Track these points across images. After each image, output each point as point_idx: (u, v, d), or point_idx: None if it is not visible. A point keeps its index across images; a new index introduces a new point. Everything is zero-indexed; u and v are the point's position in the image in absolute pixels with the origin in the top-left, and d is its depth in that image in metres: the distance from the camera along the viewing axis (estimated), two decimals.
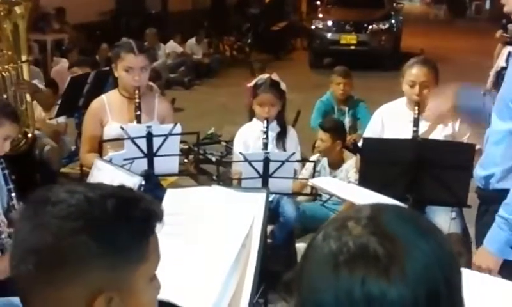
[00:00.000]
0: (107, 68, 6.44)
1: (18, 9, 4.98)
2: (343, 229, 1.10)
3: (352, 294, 1.03)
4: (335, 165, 5.60)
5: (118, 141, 3.81)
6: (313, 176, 4.29)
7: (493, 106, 3.18)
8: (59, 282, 1.22)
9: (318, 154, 5.81)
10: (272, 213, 4.44)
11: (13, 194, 3.35)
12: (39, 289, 1.23)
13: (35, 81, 5.41)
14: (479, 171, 3.14)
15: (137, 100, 3.98)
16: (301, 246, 5.13)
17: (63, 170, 5.80)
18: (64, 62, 10.73)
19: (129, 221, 1.27)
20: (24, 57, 5.07)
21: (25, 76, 5.09)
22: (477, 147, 3.70)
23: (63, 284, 1.22)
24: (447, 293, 1.06)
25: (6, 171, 3.39)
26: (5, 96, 4.88)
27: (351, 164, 5.53)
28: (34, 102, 5.44)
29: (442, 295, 1.05)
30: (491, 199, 3.00)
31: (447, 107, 3.45)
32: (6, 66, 4.95)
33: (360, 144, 4.01)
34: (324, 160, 5.68)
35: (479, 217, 3.21)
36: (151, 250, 1.31)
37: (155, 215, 1.33)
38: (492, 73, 12.60)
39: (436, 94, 3.61)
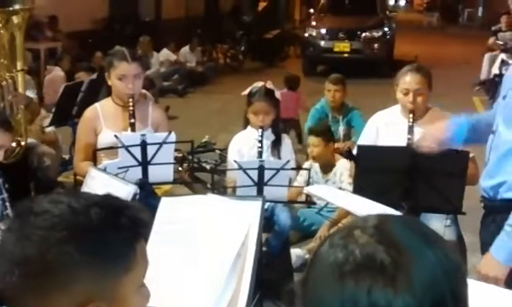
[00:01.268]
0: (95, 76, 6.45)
1: (15, 19, 4.98)
2: (349, 238, 1.09)
3: (358, 304, 1.02)
4: (328, 168, 5.63)
5: (112, 149, 3.80)
6: (307, 183, 4.29)
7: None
8: (45, 293, 1.21)
9: (310, 161, 5.83)
10: (267, 221, 4.43)
11: (7, 203, 3.34)
12: (25, 300, 1.22)
13: (28, 92, 5.41)
14: (486, 181, 3.10)
15: (131, 108, 3.97)
16: (295, 251, 5.13)
17: (57, 179, 5.78)
18: (57, 71, 10.72)
19: (114, 230, 1.26)
20: (19, 66, 5.07)
21: (20, 85, 5.08)
22: (471, 155, 3.70)
23: (49, 295, 1.21)
24: (453, 304, 1.05)
25: (0, 180, 3.38)
26: (1, 104, 4.88)
27: (344, 166, 5.56)
28: None
29: (448, 305, 1.04)
30: (499, 209, 2.97)
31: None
32: (5, 75, 4.95)
33: (354, 151, 4.00)
34: (316, 165, 5.70)
35: (484, 227, 3.18)
36: (138, 258, 1.30)
37: (142, 223, 1.32)
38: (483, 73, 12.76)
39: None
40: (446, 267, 1.07)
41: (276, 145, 4.54)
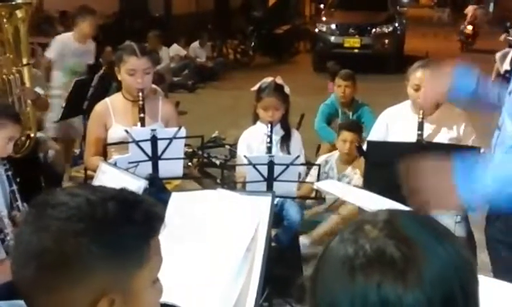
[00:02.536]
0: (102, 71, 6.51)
1: (19, 13, 5.00)
2: (360, 233, 1.09)
3: (368, 298, 1.03)
4: (349, 163, 5.58)
5: (122, 144, 3.82)
6: (318, 179, 4.29)
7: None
8: (61, 285, 1.22)
9: (326, 155, 5.81)
10: (277, 216, 4.44)
11: (17, 195, 3.36)
12: (41, 292, 1.23)
13: (37, 88, 5.43)
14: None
15: (140, 103, 3.99)
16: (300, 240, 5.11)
17: (66, 173, 5.80)
18: None
19: (130, 223, 1.27)
20: (24, 61, 5.09)
21: (27, 79, 5.10)
22: (482, 150, 3.69)
23: (65, 287, 1.22)
24: (463, 300, 1.05)
25: (10, 173, 3.40)
26: (10, 99, 4.90)
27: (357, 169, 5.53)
28: None
29: (458, 301, 1.04)
30: (503, 207, 2.95)
31: (442, 90, 3.37)
32: (13, 70, 4.97)
33: (364, 147, 4.00)
34: (332, 161, 5.68)
35: (490, 223, 3.16)
36: (152, 252, 1.31)
37: (157, 218, 1.33)
38: (494, 72, 12.72)
39: (433, 77, 3.53)
40: (456, 263, 1.07)
41: (286, 140, 4.54)
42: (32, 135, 5.14)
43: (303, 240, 5.16)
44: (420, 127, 3.83)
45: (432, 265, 1.04)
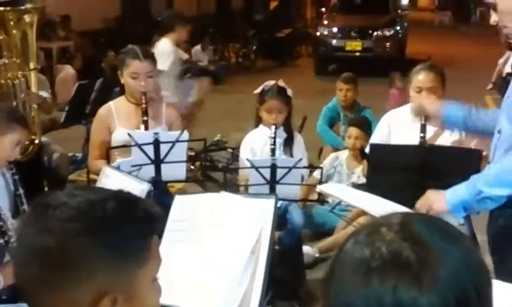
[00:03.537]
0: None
1: (27, 18, 5.01)
2: (376, 235, 1.10)
3: (383, 301, 1.03)
4: (359, 161, 5.57)
5: (125, 147, 3.83)
6: (320, 182, 4.29)
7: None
8: (64, 284, 1.23)
9: (337, 152, 5.81)
10: (280, 219, 4.43)
11: (24, 199, 3.37)
12: (44, 292, 1.24)
13: (42, 92, 5.45)
14: None
15: (144, 106, 4.00)
16: (306, 249, 5.11)
17: (70, 177, 5.80)
18: (68, 69, 10.75)
19: (130, 222, 1.28)
20: (31, 65, 5.10)
21: (33, 84, 5.12)
22: (484, 153, 3.69)
23: (68, 286, 1.23)
24: (477, 301, 1.06)
25: (16, 177, 3.42)
26: (14, 103, 4.91)
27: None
28: None
29: (472, 303, 1.05)
30: (506, 203, 2.96)
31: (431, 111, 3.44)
32: (18, 74, 4.98)
33: (366, 150, 4.00)
34: (343, 158, 5.68)
35: (492, 221, 3.17)
36: (152, 251, 1.32)
37: (156, 217, 1.35)
38: (495, 74, 12.76)
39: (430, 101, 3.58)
40: (470, 264, 1.08)
41: (288, 143, 4.55)
42: (36, 141, 5.15)
43: (308, 249, 5.16)
44: (423, 129, 3.83)
45: (447, 267, 1.05)
